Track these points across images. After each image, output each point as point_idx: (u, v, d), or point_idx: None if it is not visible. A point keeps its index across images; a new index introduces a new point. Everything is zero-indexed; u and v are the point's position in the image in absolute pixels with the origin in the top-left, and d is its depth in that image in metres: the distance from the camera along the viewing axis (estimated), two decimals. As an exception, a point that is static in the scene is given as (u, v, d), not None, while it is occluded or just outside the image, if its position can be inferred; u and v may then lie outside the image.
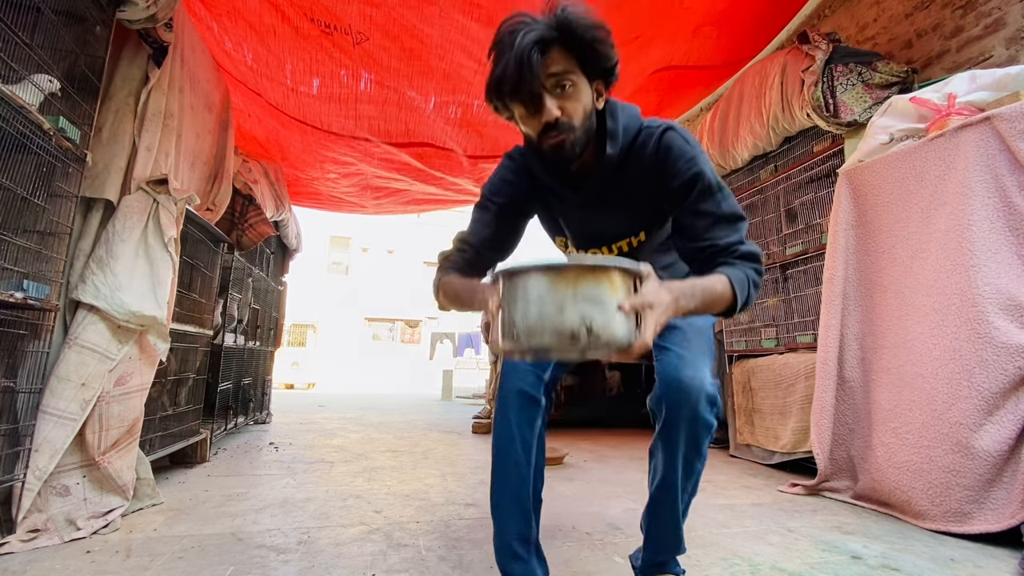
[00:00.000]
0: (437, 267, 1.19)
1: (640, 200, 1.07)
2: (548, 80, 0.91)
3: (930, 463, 1.77)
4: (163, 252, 1.89)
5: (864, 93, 2.44)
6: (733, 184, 3.45)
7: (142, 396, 1.88)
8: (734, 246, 0.96)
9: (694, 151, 1.00)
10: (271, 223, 3.70)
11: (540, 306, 0.71)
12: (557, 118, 0.92)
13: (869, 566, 1.42)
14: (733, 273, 0.92)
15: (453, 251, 1.18)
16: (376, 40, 2.61)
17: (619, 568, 1.38)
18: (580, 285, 0.71)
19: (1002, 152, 1.73)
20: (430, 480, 2.41)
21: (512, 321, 0.74)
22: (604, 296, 0.71)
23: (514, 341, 0.73)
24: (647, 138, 1.03)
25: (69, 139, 1.58)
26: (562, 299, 0.70)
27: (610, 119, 1.02)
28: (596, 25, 0.91)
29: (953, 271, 1.79)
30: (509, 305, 0.75)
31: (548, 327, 0.70)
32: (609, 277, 0.72)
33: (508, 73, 0.90)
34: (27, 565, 1.34)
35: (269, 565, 1.37)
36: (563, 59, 0.91)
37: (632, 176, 1.05)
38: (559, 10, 0.90)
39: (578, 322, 0.70)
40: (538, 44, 0.88)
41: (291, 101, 3.08)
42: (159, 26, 1.86)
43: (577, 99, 0.94)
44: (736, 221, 0.98)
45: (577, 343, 0.70)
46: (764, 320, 3.11)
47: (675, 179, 1.00)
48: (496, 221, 1.15)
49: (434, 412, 6.19)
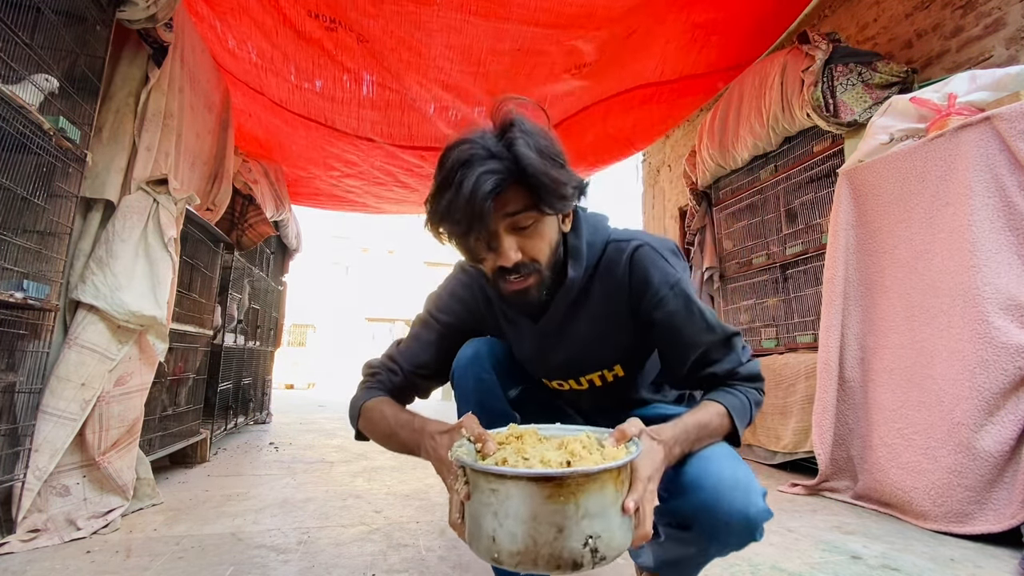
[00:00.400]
0: (360, 382, 1.00)
1: (609, 327, 0.92)
2: (505, 219, 0.78)
3: (934, 463, 1.77)
4: (163, 252, 1.89)
5: (864, 93, 2.44)
6: (733, 184, 3.45)
7: (142, 396, 1.88)
8: (734, 371, 0.85)
9: (676, 272, 0.87)
10: (271, 223, 3.70)
11: (532, 527, 0.56)
12: (517, 262, 0.79)
13: (869, 566, 1.42)
14: (731, 401, 0.82)
15: (381, 367, 0.99)
16: (375, 47, 2.63)
17: (619, 568, 1.38)
18: (582, 497, 0.56)
19: (1002, 152, 1.73)
20: (430, 480, 2.41)
21: (491, 538, 0.58)
22: (608, 503, 0.58)
23: (494, 559, 0.59)
24: (615, 255, 0.89)
25: (69, 139, 1.58)
26: (562, 519, 0.56)
27: (573, 237, 0.89)
28: (550, 156, 0.78)
29: (957, 272, 1.79)
30: (483, 513, 0.59)
31: (543, 555, 0.56)
32: (615, 476, 0.59)
33: (455, 215, 0.76)
34: (27, 565, 1.34)
35: (269, 565, 1.37)
36: (520, 197, 0.78)
37: (598, 299, 0.91)
38: (508, 141, 0.77)
39: (582, 546, 0.56)
40: (492, 190, 0.74)
41: (296, 97, 3.09)
42: (159, 26, 1.86)
43: (539, 235, 0.81)
44: (731, 340, 0.86)
45: (580, 568, 0.56)
46: (764, 320, 3.10)
47: (656, 308, 0.86)
48: (438, 343, 0.99)
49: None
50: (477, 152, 0.76)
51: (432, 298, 1.05)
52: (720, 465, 0.76)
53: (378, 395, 0.95)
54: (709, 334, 0.86)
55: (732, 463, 0.77)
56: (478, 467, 0.60)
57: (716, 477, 0.74)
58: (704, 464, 0.77)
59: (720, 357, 0.86)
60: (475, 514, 0.61)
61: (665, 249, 0.89)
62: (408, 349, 1.00)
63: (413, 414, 0.88)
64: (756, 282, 3.20)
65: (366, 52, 2.69)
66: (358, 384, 1.01)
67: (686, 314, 0.86)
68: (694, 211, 3.77)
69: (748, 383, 0.86)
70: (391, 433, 0.88)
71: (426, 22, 2.47)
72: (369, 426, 0.93)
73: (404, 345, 1.01)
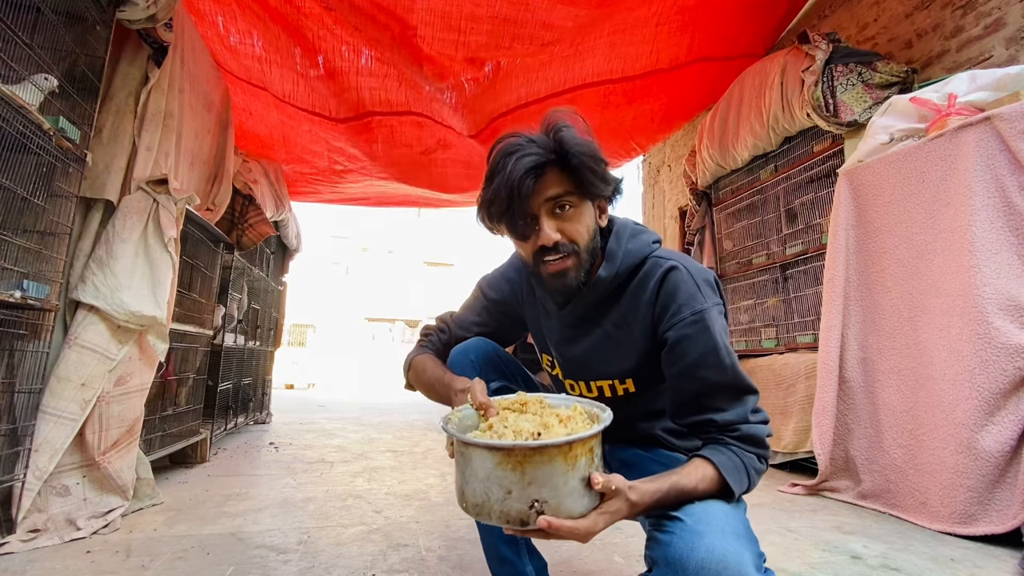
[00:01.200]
0: (417, 342, 1.14)
1: (629, 337, 0.92)
2: (546, 203, 0.85)
3: (940, 464, 1.77)
4: (163, 252, 1.89)
5: (864, 93, 2.44)
6: (733, 184, 3.45)
7: (142, 396, 1.88)
8: (734, 425, 0.80)
9: (703, 301, 0.83)
10: (271, 223, 3.70)
11: (487, 486, 0.66)
12: (556, 241, 0.85)
13: (869, 566, 1.42)
14: (722, 461, 0.76)
15: (433, 330, 1.13)
16: (370, 32, 2.64)
17: (619, 568, 1.38)
18: (528, 466, 0.64)
19: (1002, 152, 1.73)
20: (430, 480, 2.41)
21: (461, 491, 0.70)
22: (557, 475, 0.65)
23: (463, 508, 0.70)
24: (652, 269, 0.90)
25: (69, 139, 1.58)
26: (509, 483, 0.64)
27: (614, 240, 0.93)
28: (593, 150, 0.85)
29: (957, 272, 1.79)
30: (458, 469, 0.71)
31: (495, 510, 0.65)
32: (564, 452, 0.65)
33: (500, 196, 0.83)
34: (27, 565, 1.34)
35: (269, 565, 1.37)
36: (561, 181, 0.85)
37: (625, 307, 0.92)
38: (554, 131, 0.85)
39: (527, 507, 0.64)
40: (533, 169, 0.82)
41: (300, 89, 3.10)
42: (159, 26, 1.86)
43: (579, 220, 0.87)
44: (744, 394, 0.81)
45: (528, 526, 0.64)
46: (764, 320, 3.11)
47: (672, 328, 0.83)
48: (485, 314, 1.10)
49: (434, 412, 6.18)
50: (521, 143, 0.85)
51: (487, 277, 1.14)
52: (711, 545, 0.67)
53: (426, 352, 1.09)
54: (719, 374, 0.81)
55: (724, 542, 0.67)
56: (452, 433, 0.71)
57: (700, 562, 0.66)
58: (692, 540, 0.68)
59: (724, 406, 0.81)
60: (455, 470, 0.73)
61: (701, 278, 0.87)
62: (459, 316, 1.12)
63: (445, 370, 1.00)
64: (756, 282, 3.20)
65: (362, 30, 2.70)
66: (415, 343, 1.15)
67: (700, 344, 0.81)
68: (694, 211, 3.77)
69: (747, 444, 0.79)
70: (431, 384, 1.00)
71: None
72: (415, 377, 1.06)
73: (457, 312, 1.14)
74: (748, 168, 3.30)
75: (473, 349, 1.04)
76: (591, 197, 0.88)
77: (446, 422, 0.75)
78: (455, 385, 0.91)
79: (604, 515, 0.68)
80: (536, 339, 1.12)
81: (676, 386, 0.87)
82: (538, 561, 1.07)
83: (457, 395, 0.88)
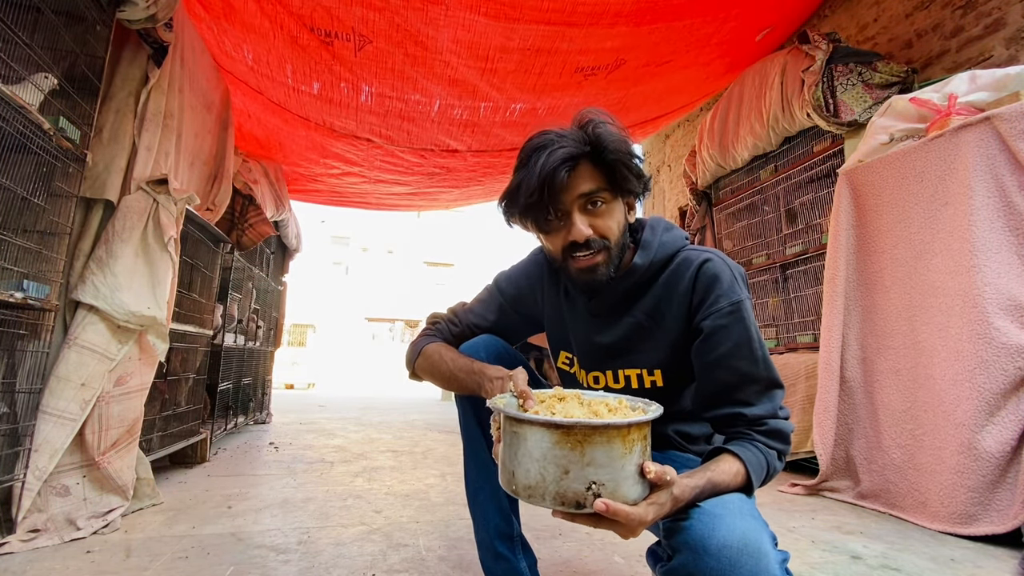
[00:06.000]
0: (423, 330, 1.10)
1: (660, 328, 0.92)
2: (579, 199, 0.85)
3: (940, 464, 1.77)
4: (163, 252, 1.89)
5: (864, 93, 2.44)
6: (733, 184, 3.45)
7: (142, 396, 1.88)
8: (763, 420, 0.80)
9: (741, 293, 0.84)
10: (271, 223, 3.70)
11: (542, 465, 0.64)
12: (588, 237, 0.84)
13: (869, 566, 1.42)
14: (750, 459, 0.77)
15: (443, 319, 1.09)
16: (379, 45, 2.62)
17: (619, 568, 1.38)
18: (588, 446, 0.63)
19: (1002, 152, 1.73)
20: (430, 480, 2.41)
21: (511, 472, 0.67)
22: (616, 458, 0.63)
23: (512, 491, 0.67)
24: (686, 262, 0.90)
25: (69, 139, 1.58)
26: (568, 462, 0.63)
27: (648, 231, 0.94)
28: (628, 147, 0.86)
29: (957, 272, 1.79)
30: (508, 451, 0.68)
31: (550, 491, 0.63)
32: (623, 435, 0.64)
33: (531, 187, 0.83)
34: (27, 565, 1.34)
35: (269, 565, 1.37)
36: (594, 176, 0.85)
37: (657, 296, 0.92)
38: (591, 126, 0.85)
39: (585, 488, 0.62)
40: (568, 161, 0.82)
41: (293, 99, 3.09)
42: (159, 26, 1.86)
43: (611, 216, 0.87)
44: (772, 388, 0.82)
45: (583, 509, 0.63)
46: (764, 320, 3.11)
47: (708, 317, 0.84)
48: (498, 310, 1.08)
49: (434, 412, 6.18)
50: (552, 138, 0.84)
51: (504, 272, 1.12)
52: (730, 525, 0.68)
53: (437, 341, 1.05)
54: (752, 366, 0.81)
55: (743, 522, 0.69)
56: (506, 412, 0.69)
57: (722, 540, 0.67)
58: (711, 522, 0.69)
59: (753, 399, 0.81)
60: (503, 452, 0.70)
61: (736, 271, 0.88)
62: (471, 309, 1.10)
63: (471, 359, 0.96)
64: (756, 282, 3.21)
65: (364, 61, 2.68)
66: (420, 332, 1.11)
67: (735, 334, 0.82)
68: (694, 211, 3.77)
69: (773, 440, 0.80)
70: (450, 373, 0.97)
71: (435, 18, 2.47)
72: (427, 365, 1.02)
73: (468, 306, 1.11)
74: (748, 168, 3.31)
75: (484, 346, 1.02)
76: (623, 193, 0.89)
77: (493, 404, 0.74)
78: (488, 372, 0.89)
79: (653, 506, 0.65)
80: (553, 336, 1.10)
81: (707, 376, 0.86)
82: (530, 558, 1.07)
83: (493, 382, 0.86)
